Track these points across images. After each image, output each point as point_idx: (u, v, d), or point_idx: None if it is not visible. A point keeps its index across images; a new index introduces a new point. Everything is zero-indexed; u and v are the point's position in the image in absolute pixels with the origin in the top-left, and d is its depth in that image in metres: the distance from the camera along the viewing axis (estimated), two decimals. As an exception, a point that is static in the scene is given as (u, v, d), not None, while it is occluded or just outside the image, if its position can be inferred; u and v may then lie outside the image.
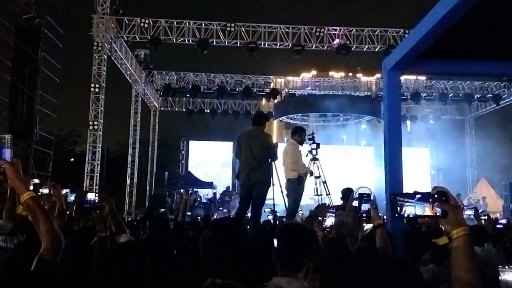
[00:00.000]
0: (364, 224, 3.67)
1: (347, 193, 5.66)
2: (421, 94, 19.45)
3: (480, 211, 12.71)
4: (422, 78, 19.93)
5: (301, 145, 6.88)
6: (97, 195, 3.97)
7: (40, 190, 3.39)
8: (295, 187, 6.59)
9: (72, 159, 31.04)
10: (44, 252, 2.02)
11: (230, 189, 19.06)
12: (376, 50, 15.61)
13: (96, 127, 14.78)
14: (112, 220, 3.01)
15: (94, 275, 2.57)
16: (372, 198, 3.64)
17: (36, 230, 2.07)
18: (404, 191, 1.90)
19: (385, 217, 3.76)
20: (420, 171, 21.71)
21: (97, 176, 14.82)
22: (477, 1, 2.57)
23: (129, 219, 9.59)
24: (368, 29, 15.60)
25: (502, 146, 19.73)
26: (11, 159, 2.24)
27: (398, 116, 3.77)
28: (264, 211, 6.72)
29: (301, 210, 7.14)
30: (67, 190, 4.46)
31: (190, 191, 14.82)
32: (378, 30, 15.56)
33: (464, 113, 22.72)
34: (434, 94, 19.55)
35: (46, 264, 1.98)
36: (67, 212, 3.53)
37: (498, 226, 6.41)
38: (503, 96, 19.38)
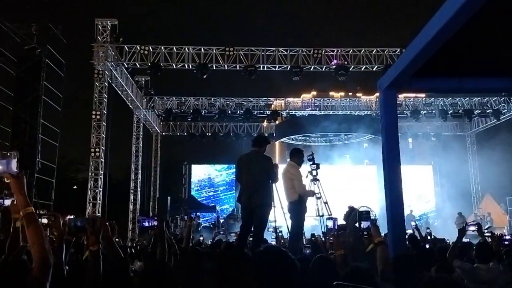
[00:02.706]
0: None
1: (349, 213, 5.64)
2: (421, 112, 19.53)
3: (486, 227, 12.58)
4: (421, 95, 20.01)
5: (300, 166, 6.85)
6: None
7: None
8: (297, 208, 6.53)
9: (75, 187, 30.98)
10: (35, 270, 2.09)
11: (235, 212, 19.00)
12: (374, 69, 15.73)
13: (97, 153, 14.81)
14: (106, 242, 3.02)
15: None
16: (373, 216, 3.63)
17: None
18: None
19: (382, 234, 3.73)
20: (424, 188, 21.66)
21: (99, 203, 14.77)
22: (469, 18, 2.60)
23: (135, 245, 9.50)
24: (365, 49, 15.76)
25: (505, 160, 19.64)
26: (16, 172, 2.29)
27: (396, 135, 3.77)
28: (268, 231, 6.66)
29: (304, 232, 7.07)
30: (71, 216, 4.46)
31: (193, 216, 14.77)
32: (375, 50, 15.72)
33: (465, 129, 22.72)
34: (433, 111, 19.61)
35: (37, 282, 2.05)
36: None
37: (504, 242, 6.32)
38: (503, 111, 19.39)
